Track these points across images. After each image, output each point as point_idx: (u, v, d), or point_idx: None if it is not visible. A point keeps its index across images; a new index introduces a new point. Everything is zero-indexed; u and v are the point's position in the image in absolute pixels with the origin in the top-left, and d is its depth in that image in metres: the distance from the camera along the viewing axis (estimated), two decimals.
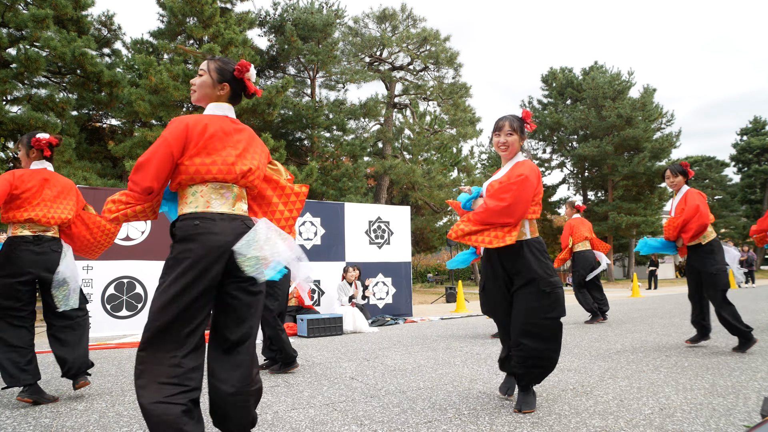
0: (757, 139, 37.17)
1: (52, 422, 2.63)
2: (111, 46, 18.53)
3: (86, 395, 3.27)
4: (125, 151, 14.88)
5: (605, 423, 2.38)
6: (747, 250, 17.17)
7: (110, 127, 18.56)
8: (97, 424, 2.58)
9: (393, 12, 22.28)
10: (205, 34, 16.17)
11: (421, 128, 23.67)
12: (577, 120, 28.73)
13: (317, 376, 3.75)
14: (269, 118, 16.95)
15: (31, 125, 13.34)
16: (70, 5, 14.83)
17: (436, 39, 22.10)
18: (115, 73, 15.43)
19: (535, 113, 32.30)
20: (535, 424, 2.39)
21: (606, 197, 30.86)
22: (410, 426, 2.41)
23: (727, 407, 2.58)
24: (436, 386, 3.28)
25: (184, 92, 14.73)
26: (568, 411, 2.60)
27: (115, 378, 3.84)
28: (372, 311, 8.54)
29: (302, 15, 19.64)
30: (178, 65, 15.12)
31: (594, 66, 30.90)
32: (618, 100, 28.09)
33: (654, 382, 3.19)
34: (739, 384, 3.09)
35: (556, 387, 3.15)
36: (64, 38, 14.03)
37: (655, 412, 2.54)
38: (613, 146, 27.64)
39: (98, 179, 13.79)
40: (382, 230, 9.26)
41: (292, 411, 2.74)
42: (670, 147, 28.07)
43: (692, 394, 2.87)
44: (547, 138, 32.40)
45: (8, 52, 14.19)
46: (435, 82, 23.27)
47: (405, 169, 20.29)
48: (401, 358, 4.49)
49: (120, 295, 7.22)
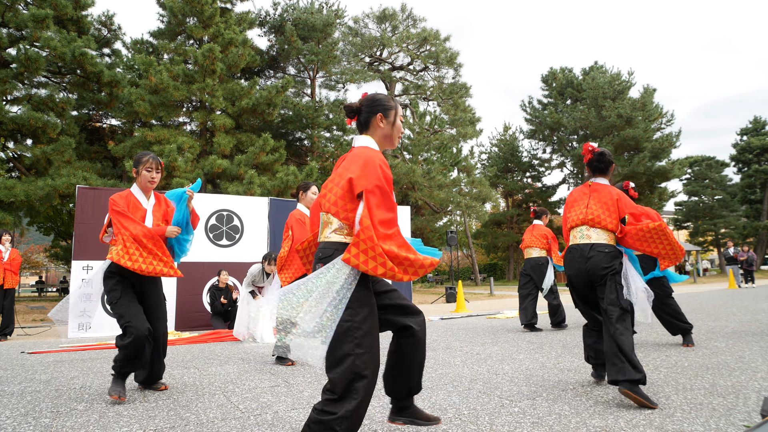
0: (757, 139, 37.17)
1: (52, 422, 2.63)
2: (111, 46, 18.53)
3: (86, 395, 3.27)
4: (125, 151, 14.87)
5: (605, 423, 2.37)
6: (747, 250, 17.16)
7: (110, 127, 18.55)
8: (97, 424, 2.58)
9: (393, 12, 22.29)
10: (205, 34, 16.17)
11: (421, 128, 23.67)
12: (577, 120, 28.73)
13: (317, 376, 3.75)
14: (269, 118, 16.95)
15: (31, 125, 13.34)
16: (70, 5, 14.82)
17: (436, 39, 22.10)
18: (115, 73, 15.42)
19: (535, 113, 32.31)
20: (535, 424, 2.39)
21: None
22: (410, 426, 2.41)
23: (727, 407, 2.58)
24: (436, 386, 3.28)
25: (184, 92, 14.74)
26: (568, 411, 2.60)
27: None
28: None
29: (302, 15, 19.64)
30: (178, 65, 15.12)
31: (594, 66, 30.90)
32: (618, 100, 28.10)
33: (654, 382, 3.19)
34: (739, 384, 3.09)
35: (556, 387, 3.15)
36: (64, 38, 14.02)
37: (655, 412, 2.54)
38: (613, 146, 27.64)
39: (98, 179, 13.79)
40: None
41: (292, 411, 2.74)
42: (670, 147, 28.07)
43: (692, 394, 2.87)
44: (547, 138, 32.39)
45: (8, 52, 14.19)
46: (435, 82, 23.28)
47: (405, 169, 20.29)
48: None
49: None
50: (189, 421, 2.59)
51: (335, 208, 1.95)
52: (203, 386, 3.46)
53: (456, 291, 12.08)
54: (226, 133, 15.95)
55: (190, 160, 14.33)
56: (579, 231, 3.18)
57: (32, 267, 34.45)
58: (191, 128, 17.95)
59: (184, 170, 13.74)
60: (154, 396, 3.21)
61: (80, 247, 7.08)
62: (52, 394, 3.31)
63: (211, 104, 15.25)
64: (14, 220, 13.66)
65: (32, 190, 12.82)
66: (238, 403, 2.94)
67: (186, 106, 16.65)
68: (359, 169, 1.91)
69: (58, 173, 13.42)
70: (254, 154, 15.30)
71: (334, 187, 1.98)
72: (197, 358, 4.77)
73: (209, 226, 7.98)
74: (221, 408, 2.85)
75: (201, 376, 3.83)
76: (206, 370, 4.09)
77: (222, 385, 3.47)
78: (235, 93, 15.81)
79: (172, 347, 5.71)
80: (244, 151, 16.22)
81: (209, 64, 14.66)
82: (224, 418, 2.63)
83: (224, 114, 16.22)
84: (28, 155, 14.54)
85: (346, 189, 1.92)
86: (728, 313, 7.68)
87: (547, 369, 3.72)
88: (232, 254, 8.01)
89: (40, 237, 28.65)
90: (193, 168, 14.34)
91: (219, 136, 15.40)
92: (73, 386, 3.56)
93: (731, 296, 12.10)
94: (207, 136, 16.46)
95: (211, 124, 15.87)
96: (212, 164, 14.50)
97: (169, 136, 14.73)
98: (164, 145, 13.97)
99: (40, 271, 37.91)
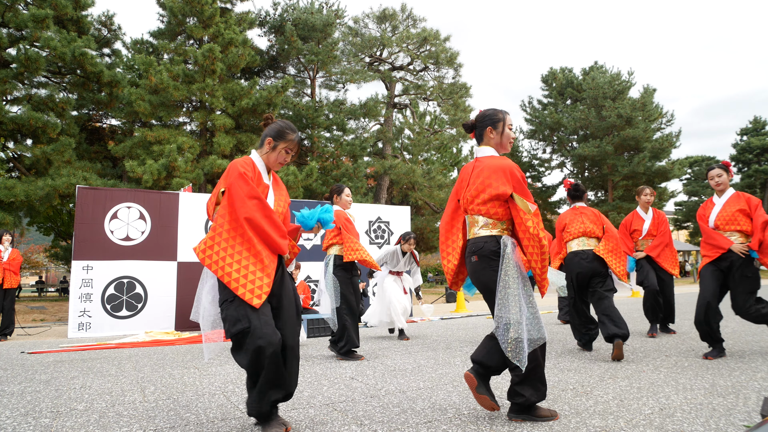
0: (757, 139, 37.17)
1: (52, 422, 2.63)
2: (111, 46, 18.53)
3: (86, 395, 3.27)
4: (125, 151, 14.87)
5: (605, 423, 2.37)
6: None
7: (110, 127, 18.55)
8: (97, 424, 2.58)
9: (393, 12, 22.27)
10: (205, 34, 16.17)
11: (421, 128, 23.66)
12: (577, 120, 28.73)
13: (317, 376, 3.75)
14: None
15: (31, 125, 13.34)
16: (70, 5, 14.82)
17: (436, 39, 22.09)
18: (115, 73, 15.42)
19: (535, 113, 32.31)
20: (535, 424, 2.39)
21: (606, 197, 30.83)
22: (410, 426, 2.41)
23: (727, 407, 2.58)
24: (436, 386, 3.28)
25: (184, 92, 14.73)
26: (568, 411, 2.59)
27: (115, 378, 3.84)
28: None
29: (302, 15, 19.64)
30: (178, 65, 15.12)
31: (594, 66, 30.88)
32: (618, 100, 28.08)
33: (654, 382, 3.19)
34: (739, 384, 3.09)
35: (556, 387, 3.15)
36: (64, 38, 14.02)
37: (655, 412, 2.54)
38: (613, 146, 27.63)
39: (98, 179, 13.78)
40: (382, 230, 9.26)
41: (292, 411, 2.74)
42: (670, 147, 28.06)
43: (692, 394, 2.87)
44: (547, 138, 32.37)
45: (8, 52, 14.18)
46: (435, 82, 23.27)
47: (405, 169, 20.29)
48: (401, 358, 4.49)
49: (120, 295, 7.22)
50: (189, 421, 2.59)
51: (484, 208, 2.48)
52: (203, 386, 3.46)
53: (456, 291, 12.08)
54: (226, 133, 15.95)
55: (190, 160, 14.32)
56: (580, 241, 4.39)
57: (32, 267, 34.44)
58: (191, 128, 17.94)
59: (184, 170, 13.73)
60: (154, 396, 3.21)
61: (80, 247, 7.08)
62: (52, 394, 3.31)
63: (211, 104, 15.25)
64: (14, 220, 13.66)
65: (32, 190, 12.82)
66: (238, 403, 2.94)
67: (186, 106, 16.65)
68: (502, 177, 2.44)
69: (58, 173, 13.42)
70: None
71: (479, 193, 2.49)
72: (197, 358, 4.78)
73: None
74: (221, 408, 2.85)
75: (201, 376, 3.83)
76: (206, 370, 4.09)
77: (222, 385, 3.47)
78: (235, 93, 15.80)
79: (172, 347, 5.71)
80: (244, 151, 16.22)
81: (209, 64, 14.66)
82: (224, 418, 2.63)
83: (224, 114, 16.22)
84: (28, 155, 14.54)
85: (493, 195, 2.44)
86: (728, 313, 7.66)
87: (547, 369, 3.72)
88: None
89: (40, 237, 28.64)
90: (193, 168, 14.34)
91: (219, 136, 15.39)
92: (73, 386, 3.56)
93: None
94: (207, 136, 16.46)
95: (211, 124, 15.87)
96: (212, 164, 14.49)
97: (169, 136, 14.73)
98: (164, 145, 13.97)
99: (40, 271, 37.91)
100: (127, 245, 7.37)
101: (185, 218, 7.81)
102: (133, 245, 7.40)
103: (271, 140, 2.51)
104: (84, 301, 7.01)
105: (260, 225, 2.27)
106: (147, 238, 7.50)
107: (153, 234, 7.55)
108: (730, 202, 4.10)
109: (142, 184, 13.31)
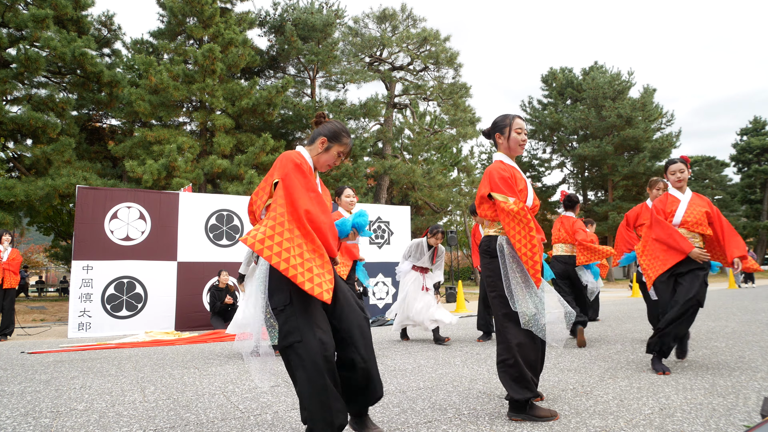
0: (757, 139, 37.17)
1: (52, 422, 2.63)
2: (111, 46, 18.52)
3: (86, 395, 3.27)
4: (125, 151, 14.87)
5: (605, 423, 2.37)
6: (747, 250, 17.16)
7: (110, 127, 18.55)
8: (97, 424, 2.58)
9: (393, 12, 22.26)
10: (205, 34, 16.17)
11: (421, 128, 23.66)
12: (577, 120, 28.73)
13: None
14: (269, 118, 16.95)
15: (31, 125, 13.34)
16: (70, 5, 14.82)
17: (436, 39, 22.08)
18: (115, 73, 15.42)
19: (535, 113, 32.31)
20: (535, 424, 2.39)
21: (606, 197, 30.84)
22: (410, 426, 2.41)
23: (727, 407, 2.58)
24: (436, 386, 3.28)
25: (184, 92, 14.74)
26: (568, 411, 2.60)
27: (115, 378, 3.84)
28: (372, 311, 8.54)
29: (302, 15, 19.64)
30: (178, 65, 15.12)
31: (594, 66, 30.89)
32: (618, 100, 28.09)
33: (654, 382, 3.19)
34: (739, 384, 3.09)
35: (556, 387, 3.15)
36: (64, 38, 14.02)
37: (655, 412, 2.54)
38: (613, 146, 27.64)
39: (98, 179, 13.79)
40: (382, 230, 9.26)
41: (292, 411, 2.74)
42: (670, 147, 28.08)
43: (692, 394, 2.87)
44: (547, 138, 32.37)
45: (8, 52, 14.18)
46: (435, 82, 23.26)
47: (405, 169, 20.28)
48: (401, 358, 4.49)
49: (120, 295, 7.22)
50: (189, 421, 2.59)
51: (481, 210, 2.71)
52: (203, 386, 3.46)
53: (456, 291, 12.09)
54: (226, 133, 15.95)
55: (190, 160, 14.33)
56: (560, 246, 5.20)
57: (32, 267, 34.44)
58: (191, 128, 17.95)
59: (184, 170, 13.73)
60: (154, 396, 3.21)
61: (80, 247, 7.08)
62: (52, 394, 3.31)
63: (211, 104, 15.25)
64: (14, 220, 13.66)
65: (32, 190, 12.82)
66: (238, 403, 2.94)
67: (186, 106, 16.65)
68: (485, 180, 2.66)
69: (58, 173, 13.42)
70: (254, 154, 15.30)
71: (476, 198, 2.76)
72: (197, 358, 4.77)
73: (209, 226, 7.98)
74: (221, 408, 2.85)
75: (201, 376, 3.83)
76: (206, 370, 4.09)
77: (222, 385, 3.47)
78: (235, 93, 15.81)
79: (172, 347, 5.71)
80: (244, 151, 16.23)
81: (209, 64, 14.66)
82: (224, 418, 2.63)
83: (224, 114, 16.22)
84: (28, 155, 14.54)
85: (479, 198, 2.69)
86: (728, 313, 7.68)
87: (547, 369, 3.72)
88: (232, 254, 8.01)
89: (40, 237, 28.64)
90: (193, 168, 14.34)
91: (219, 136, 15.40)
92: (73, 386, 3.56)
93: (731, 296, 12.10)
94: (207, 136, 16.46)
95: (211, 124, 15.87)
96: (212, 164, 14.49)
97: (169, 136, 14.73)
98: (164, 145, 13.97)
99: (40, 271, 37.91)
100: (127, 245, 7.37)
101: (185, 218, 7.81)
102: (133, 245, 7.40)
103: (326, 140, 2.27)
104: (84, 301, 7.01)
105: (317, 220, 2.08)
106: (147, 238, 7.50)
107: (153, 234, 7.55)
108: (695, 201, 3.68)
109: (142, 184, 13.31)
